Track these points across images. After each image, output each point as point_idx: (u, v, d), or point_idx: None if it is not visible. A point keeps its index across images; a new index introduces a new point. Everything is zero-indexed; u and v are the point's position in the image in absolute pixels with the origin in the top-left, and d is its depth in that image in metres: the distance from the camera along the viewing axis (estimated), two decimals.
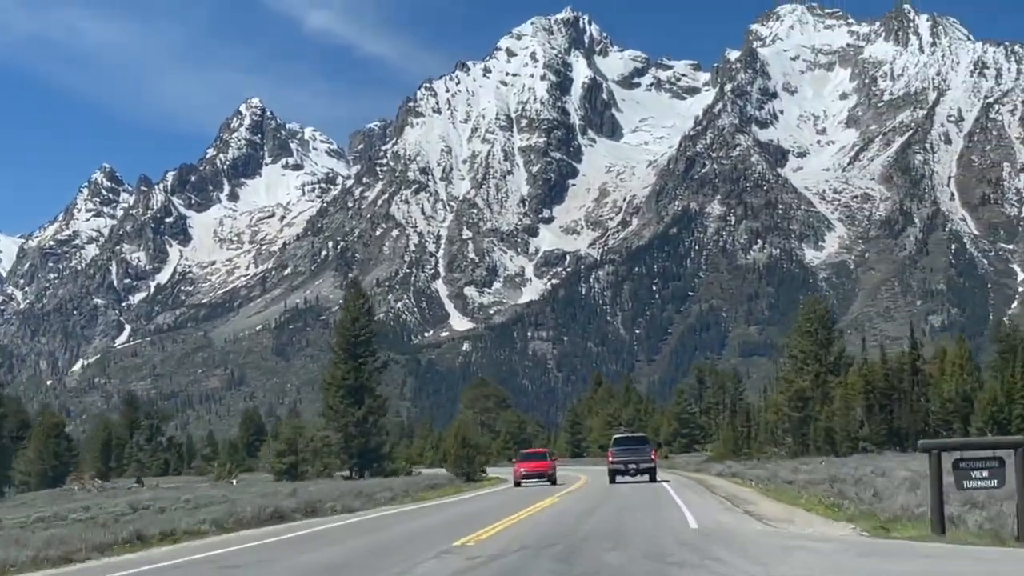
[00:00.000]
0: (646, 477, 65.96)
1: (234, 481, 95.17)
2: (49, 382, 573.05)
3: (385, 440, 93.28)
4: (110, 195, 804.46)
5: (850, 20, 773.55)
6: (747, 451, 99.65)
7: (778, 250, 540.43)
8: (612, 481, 65.58)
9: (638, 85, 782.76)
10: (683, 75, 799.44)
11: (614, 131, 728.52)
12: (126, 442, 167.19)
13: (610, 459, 67.75)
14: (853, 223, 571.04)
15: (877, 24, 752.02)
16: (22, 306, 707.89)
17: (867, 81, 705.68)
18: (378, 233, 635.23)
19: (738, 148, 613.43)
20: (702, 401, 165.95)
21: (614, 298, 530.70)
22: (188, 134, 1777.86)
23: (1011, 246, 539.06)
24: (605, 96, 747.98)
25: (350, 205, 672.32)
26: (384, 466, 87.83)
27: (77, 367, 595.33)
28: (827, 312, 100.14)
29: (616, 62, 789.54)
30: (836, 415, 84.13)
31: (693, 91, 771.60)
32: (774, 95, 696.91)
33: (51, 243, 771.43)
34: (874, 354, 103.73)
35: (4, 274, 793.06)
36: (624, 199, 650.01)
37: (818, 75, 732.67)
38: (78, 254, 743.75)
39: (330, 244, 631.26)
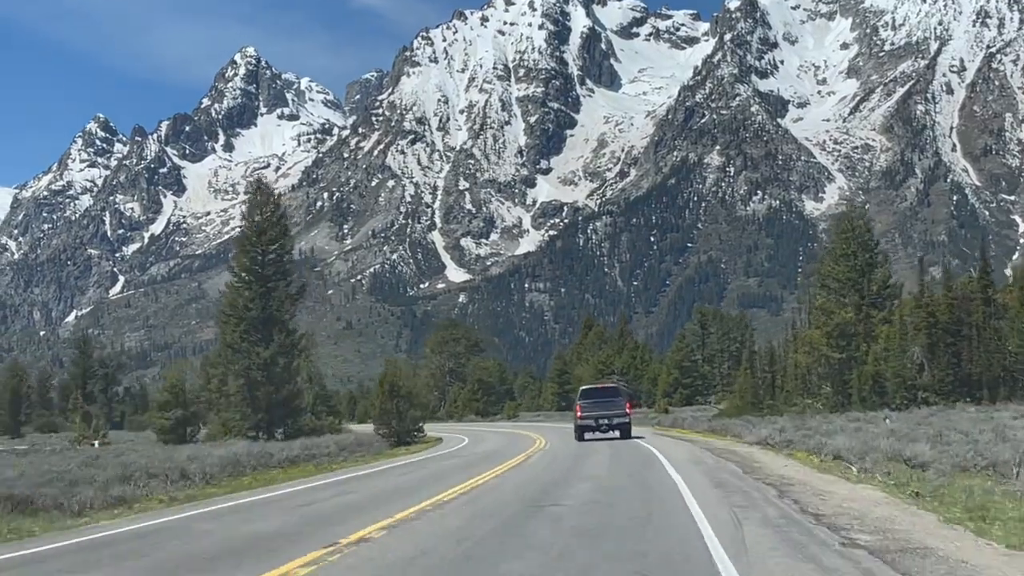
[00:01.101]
0: (617, 433, 55.92)
1: (96, 443, 74.00)
2: (42, 333, 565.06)
3: (301, 389, 71.40)
4: (104, 145, 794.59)
5: None
6: (771, 403, 79.86)
7: (778, 201, 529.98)
8: (580, 438, 55.56)
9: (637, 35, 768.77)
10: (682, 24, 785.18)
11: (612, 81, 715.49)
12: (71, 392, 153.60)
13: (578, 414, 56.88)
14: (854, 174, 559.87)
15: None
16: (16, 256, 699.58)
17: (868, 31, 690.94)
18: (374, 184, 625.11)
19: (738, 98, 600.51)
20: (704, 348, 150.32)
21: (612, 249, 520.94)
22: (184, 84, 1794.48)
23: (1013, 197, 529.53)
24: (604, 46, 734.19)
25: (346, 156, 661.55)
26: (301, 423, 67.52)
27: (71, 318, 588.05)
28: (868, 229, 78.82)
29: (615, 11, 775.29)
30: (889, 357, 66.29)
31: (692, 41, 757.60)
32: (774, 45, 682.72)
33: (45, 193, 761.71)
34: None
35: None
36: (622, 150, 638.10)
37: (819, 24, 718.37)
38: (72, 204, 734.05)
39: (325, 195, 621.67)
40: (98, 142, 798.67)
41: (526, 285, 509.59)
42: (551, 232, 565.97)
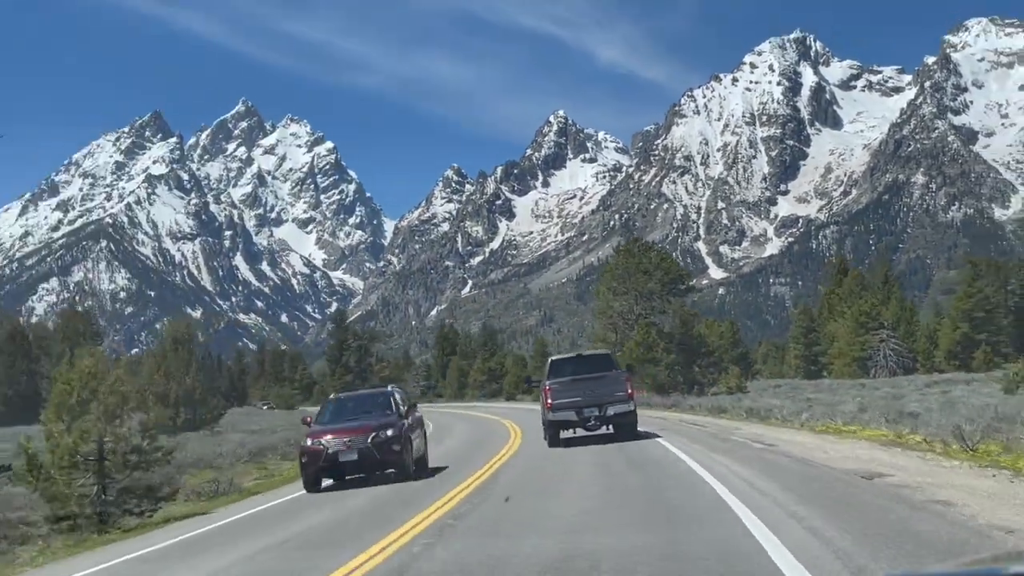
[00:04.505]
0: (611, 429, 27.82)
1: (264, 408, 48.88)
2: (414, 323, 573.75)
3: None
4: (457, 186, 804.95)
5: None
6: None
7: (972, 210, 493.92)
8: (554, 443, 27.01)
9: (854, 87, 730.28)
10: (890, 78, 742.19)
11: (836, 123, 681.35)
12: (335, 362, 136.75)
13: (548, 401, 26.92)
14: None
15: None
16: (397, 268, 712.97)
17: None
18: (652, 207, 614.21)
19: (936, 131, 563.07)
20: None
21: (838, 250, 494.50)
22: (512, 139, 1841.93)
23: None
24: (828, 96, 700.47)
25: (631, 187, 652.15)
26: None
27: (433, 312, 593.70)
28: None
29: (836, 69, 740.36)
30: None
31: (898, 90, 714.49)
32: (965, 89, 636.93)
33: (416, 222, 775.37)
34: None
35: (386, 245, 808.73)
36: (845, 174, 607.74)
37: (1001, 72, 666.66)
38: (434, 230, 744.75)
39: (616, 216, 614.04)
40: (453, 184, 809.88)
41: (771, 280, 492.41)
42: (790, 239, 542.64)
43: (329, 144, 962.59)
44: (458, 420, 51.14)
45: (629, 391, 27.12)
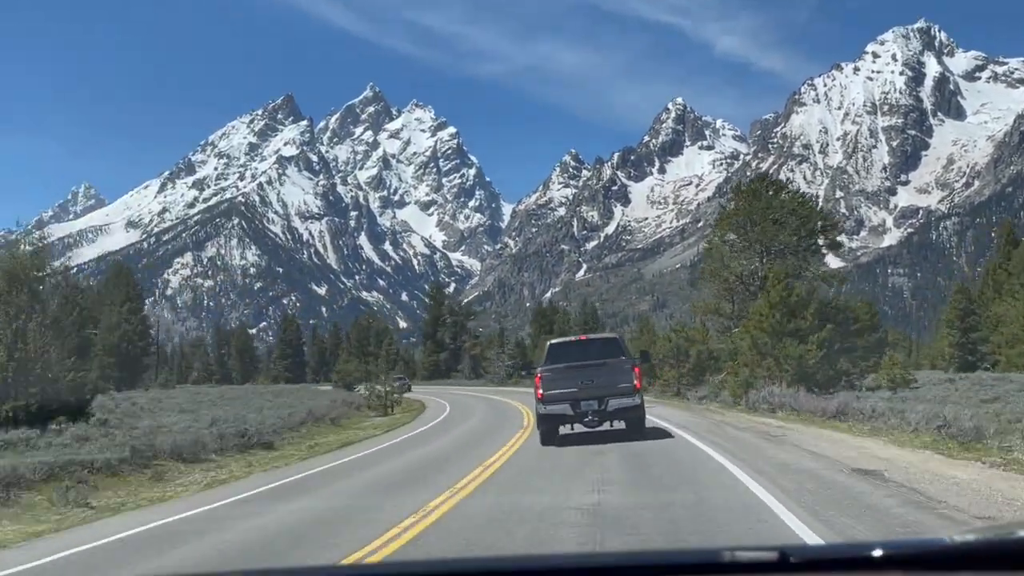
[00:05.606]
0: (621, 425, 22.96)
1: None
2: (528, 304, 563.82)
3: None
4: (574, 171, 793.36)
5: None
6: None
7: None
8: (547, 439, 21.61)
9: (979, 78, 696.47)
10: (1016, 69, 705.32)
11: (959, 114, 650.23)
12: (429, 339, 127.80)
13: (539, 392, 21.59)
14: None
15: None
16: (513, 251, 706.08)
17: None
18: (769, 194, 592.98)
19: None
20: None
21: (959, 243, 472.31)
22: (630, 126, 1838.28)
23: None
24: (951, 87, 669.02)
25: (748, 174, 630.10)
26: None
27: (548, 294, 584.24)
28: None
29: (961, 60, 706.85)
30: None
31: None
32: None
33: (533, 206, 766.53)
34: None
35: (504, 228, 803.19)
36: (967, 166, 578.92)
37: None
38: (551, 214, 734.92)
39: (732, 204, 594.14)
40: (570, 169, 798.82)
41: (889, 271, 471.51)
42: (909, 230, 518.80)
43: (452, 129, 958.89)
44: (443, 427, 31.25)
45: (636, 383, 22.16)
